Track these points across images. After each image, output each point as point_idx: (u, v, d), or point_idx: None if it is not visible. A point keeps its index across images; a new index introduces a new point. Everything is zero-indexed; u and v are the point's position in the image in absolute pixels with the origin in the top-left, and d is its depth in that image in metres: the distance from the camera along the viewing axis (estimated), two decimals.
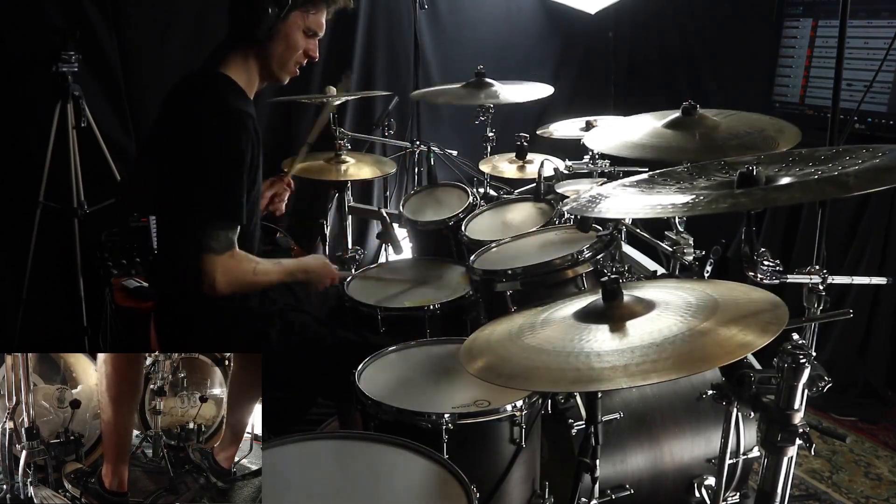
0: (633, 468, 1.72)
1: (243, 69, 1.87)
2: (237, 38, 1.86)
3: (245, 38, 1.84)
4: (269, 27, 1.81)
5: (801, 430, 1.17)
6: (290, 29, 1.85)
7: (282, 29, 1.84)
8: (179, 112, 1.86)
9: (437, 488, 1.29)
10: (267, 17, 1.79)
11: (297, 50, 1.89)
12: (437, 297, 2.19)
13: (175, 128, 1.84)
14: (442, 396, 1.58)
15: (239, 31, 1.84)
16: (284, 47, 1.86)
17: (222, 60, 1.86)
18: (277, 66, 1.90)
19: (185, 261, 1.79)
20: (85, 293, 2.96)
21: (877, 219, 2.85)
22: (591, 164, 2.49)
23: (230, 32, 1.87)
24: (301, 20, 1.86)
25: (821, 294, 1.39)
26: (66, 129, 2.86)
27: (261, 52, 1.86)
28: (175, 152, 1.81)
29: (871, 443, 2.71)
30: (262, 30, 1.81)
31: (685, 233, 1.84)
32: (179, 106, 1.87)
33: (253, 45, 1.85)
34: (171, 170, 1.84)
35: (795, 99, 3.24)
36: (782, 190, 1.22)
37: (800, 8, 3.21)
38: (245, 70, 1.88)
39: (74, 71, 2.84)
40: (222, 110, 1.79)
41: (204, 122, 1.78)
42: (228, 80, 1.85)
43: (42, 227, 2.90)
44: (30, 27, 2.88)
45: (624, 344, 1.18)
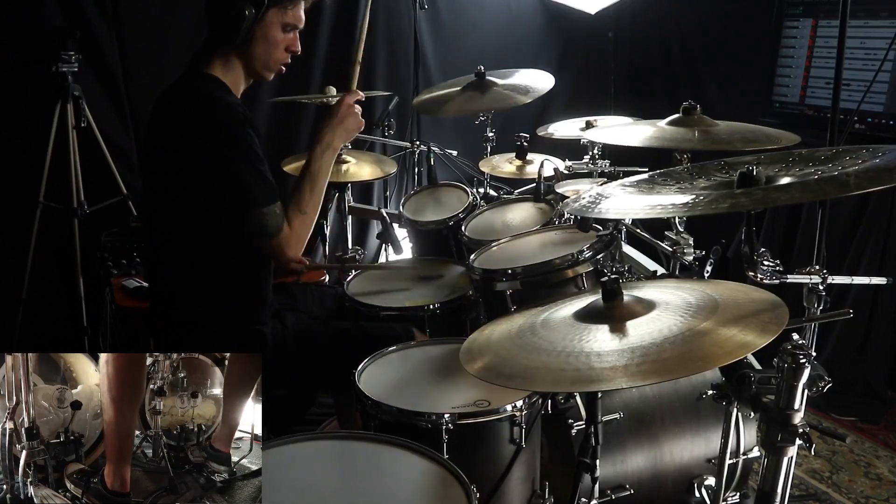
0: (633, 468, 1.72)
1: (228, 70, 1.87)
2: (217, 41, 1.85)
3: (225, 41, 1.83)
4: (248, 28, 1.80)
5: (801, 430, 1.17)
6: (268, 27, 1.83)
7: (260, 28, 1.82)
8: (175, 119, 1.84)
9: (437, 488, 1.29)
10: (245, 19, 1.78)
11: (278, 47, 1.87)
12: (437, 297, 2.19)
13: (175, 136, 1.82)
14: (442, 396, 1.58)
15: (218, 34, 1.84)
16: (265, 46, 1.85)
17: (207, 63, 1.85)
18: (260, 65, 1.89)
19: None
20: (85, 293, 2.96)
21: (877, 219, 2.85)
22: (591, 164, 2.49)
23: (209, 36, 1.86)
24: (279, 17, 1.84)
25: (821, 294, 1.39)
26: (66, 129, 2.86)
27: (242, 53, 1.86)
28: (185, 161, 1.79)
29: (871, 443, 2.70)
30: (241, 32, 1.79)
31: (685, 233, 1.84)
32: (173, 113, 1.86)
33: (234, 47, 1.84)
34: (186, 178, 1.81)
35: (795, 99, 3.24)
36: (782, 190, 1.22)
37: (800, 8, 3.21)
38: (230, 70, 1.87)
39: (74, 71, 2.84)
40: (216, 105, 1.79)
41: (204, 121, 1.77)
42: (216, 79, 1.85)
43: (42, 227, 2.90)
44: (30, 27, 2.88)
45: (624, 344, 1.18)
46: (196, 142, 1.76)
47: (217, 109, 1.79)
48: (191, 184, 1.80)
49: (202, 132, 1.76)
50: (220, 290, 1.87)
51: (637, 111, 3.37)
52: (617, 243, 2.02)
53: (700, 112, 1.87)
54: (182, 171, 1.80)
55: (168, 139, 1.85)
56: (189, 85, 1.87)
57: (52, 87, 2.83)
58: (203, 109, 1.79)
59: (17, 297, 2.94)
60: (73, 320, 3.01)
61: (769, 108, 3.33)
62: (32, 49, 2.88)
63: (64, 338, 3.09)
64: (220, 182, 1.76)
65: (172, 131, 1.83)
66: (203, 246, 1.85)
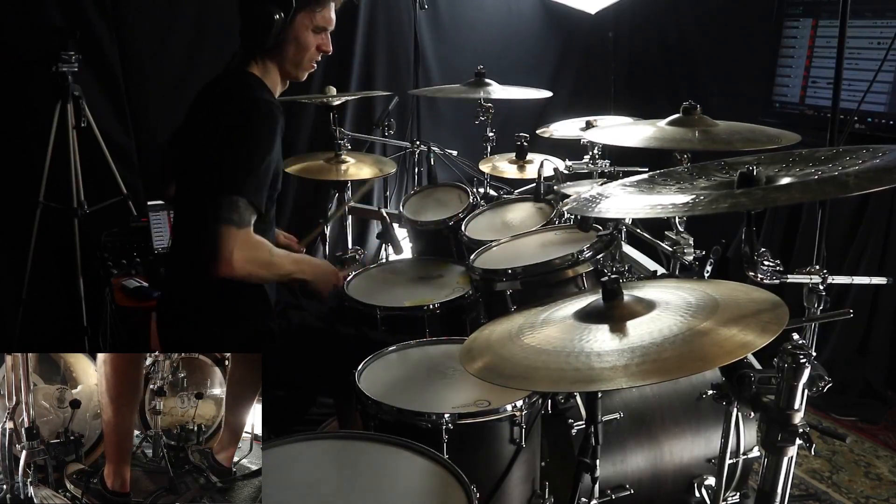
0: (633, 468, 1.72)
1: (265, 71, 1.92)
2: (250, 45, 1.90)
3: (257, 45, 1.88)
4: (277, 33, 1.85)
5: (801, 430, 1.17)
6: (298, 31, 1.88)
7: (291, 32, 1.87)
8: (211, 104, 1.89)
9: (437, 488, 1.29)
10: (274, 25, 1.83)
11: (308, 49, 1.92)
12: (437, 297, 2.19)
13: (206, 117, 1.86)
14: (442, 396, 1.58)
15: (250, 39, 1.88)
16: (296, 49, 1.90)
17: (246, 63, 1.91)
18: (293, 67, 1.94)
19: (202, 234, 1.74)
20: (85, 293, 2.96)
21: (877, 219, 2.85)
22: (591, 164, 2.49)
23: (243, 42, 1.91)
24: (308, 20, 1.89)
25: (821, 294, 1.39)
26: (66, 129, 2.86)
27: (275, 56, 1.91)
28: (205, 135, 1.83)
29: (871, 443, 2.71)
30: (271, 37, 1.84)
31: (685, 233, 1.83)
32: (211, 100, 1.91)
33: (267, 52, 1.89)
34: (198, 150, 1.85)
35: (795, 99, 3.24)
36: (782, 190, 1.22)
37: (800, 8, 3.21)
38: (267, 72, 1.93)
39: (74, 71, 2.85)
40: (254, 98, 1.83)
41: (236, 108, 1.81)
42: (257, 78, 1.90)
43: (42, 227, 2.90)
44: (30, 27, 2.88)
45: (624, 344, 1.18)
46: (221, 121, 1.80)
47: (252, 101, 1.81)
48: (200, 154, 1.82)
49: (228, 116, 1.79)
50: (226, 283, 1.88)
51: (637, 111, 3.37)
52: (617, 243, 2.02)
53: (700, 112, 1.87)
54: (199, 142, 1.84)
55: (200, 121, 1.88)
56: (230, 80, 1.91)
57: (52, 87, 2.84)
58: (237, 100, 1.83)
59: (17, 297, 2.94)
60: (73, 320, 3.02)
61: (769, 108, 3.33)
62: (32, 49, 2.88)
63: (64, 338, 3.09)
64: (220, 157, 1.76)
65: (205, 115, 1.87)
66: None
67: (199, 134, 1.87)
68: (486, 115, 2.99)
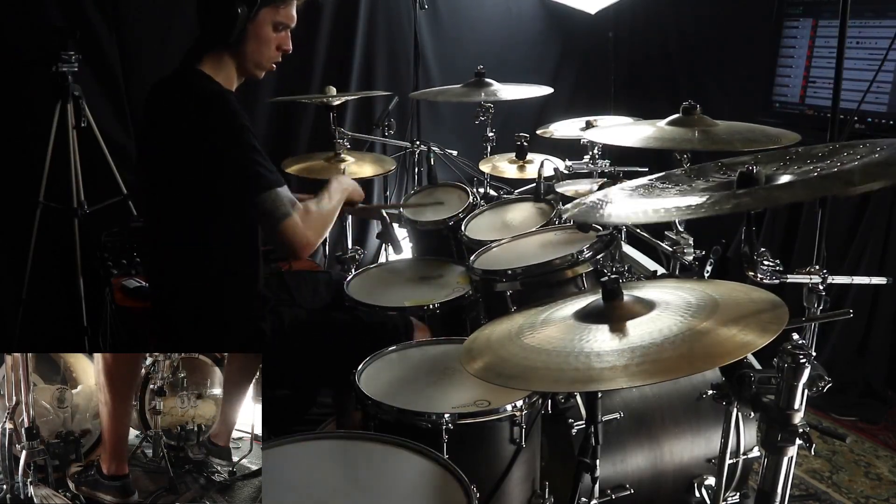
0: (633, 468, 1.72)
1: (220, 67, 1.88)
2: (210, 39, 1.86)
3: (218, 39, 1.84)
4: (240, 27, 1.81)
5: (801, 430, 1.17)
6: (260, 26, 1.85)
7: (253, 27, 1.84)
8: (168, 113, 1.85)
9: (437, 488, 1.29)
10: (238, 18, 1.79)
11: (269, 46, 1.89)
12: (437, 297, 2.19)
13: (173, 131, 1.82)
14: (442, 396, 1.58)
15: (211, 32, 1.85)
16: (256, 44, 1.87)
17: (198, 60, 1.86)
18: (252, 64, 1.90)
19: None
20: (85, 293, 2.96)
21: (877, 219, 2.85)
22: (591, 164, 2.49)
23: (202, 34, 1.87)
24: (271, 16, 1.85)
25: (821, 294, 1.39)
26: (66, 129, 2.86)
27: (234, 51, 1.87)
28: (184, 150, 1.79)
29: (871, 443, 2.70)
30: (234, 31, 1.81)
31: (685, 233, 1.83)
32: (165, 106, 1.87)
33: (226, 46, 1.85)
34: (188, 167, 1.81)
35: (795, 99, 3.24)
36: (784, 188, 1.22)
37: (800, 8, 3.21)
38: (222, 68, 1.88)
39: (74, 71, 2.84)
40: (210, 94, 1.80)
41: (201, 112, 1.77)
42: (207, 76, 1.86)
43: (42, 227, 2.90)
44: (30, 27, 2.88)
45: (624, 344, 1.18)
46: (195, 134, 1.76)
47: (210, 98, 1.79)
48: (191, 176, 1.79)
49: (201, 124, 1.76)
50: (217, 284, 1.87)
51: (637, 111, 3.37)
52: (617, 243, 2.02)
53: (700, 112, 1.87)
54: (182, 164, 1.80)
55: (165, 134, 1.85)
56: (179, 81, 1.87)
57: (52, 87, 2.83)
58: (199, 101, 1.79)
59: (17, 297, 2.94)
60: (73, 320, 3.02)
61: (769, 108, 3.33)
62: (32, 49, 2.88)
63: (64, 338, 3.08)
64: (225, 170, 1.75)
65: (169, 126, 1.84)
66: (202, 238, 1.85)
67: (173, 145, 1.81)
68: (486, 115, 2.99)
